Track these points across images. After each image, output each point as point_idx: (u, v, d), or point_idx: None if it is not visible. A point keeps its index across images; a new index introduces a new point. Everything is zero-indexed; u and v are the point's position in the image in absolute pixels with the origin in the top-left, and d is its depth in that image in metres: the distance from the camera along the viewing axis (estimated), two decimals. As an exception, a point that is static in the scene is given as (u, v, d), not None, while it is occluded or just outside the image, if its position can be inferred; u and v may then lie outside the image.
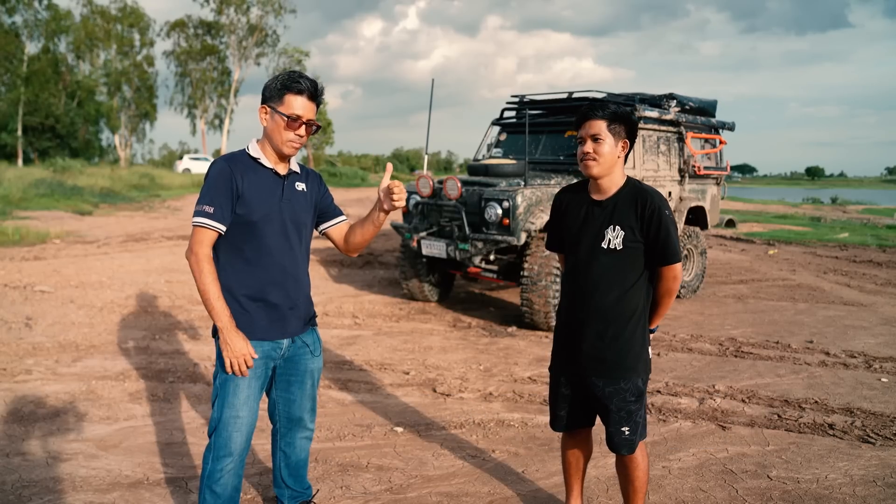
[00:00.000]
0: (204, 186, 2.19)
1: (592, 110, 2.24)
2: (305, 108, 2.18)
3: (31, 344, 4.98)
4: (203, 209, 2.16)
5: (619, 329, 2.25)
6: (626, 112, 2.25)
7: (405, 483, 2.98)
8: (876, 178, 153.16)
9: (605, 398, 2.28)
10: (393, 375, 4.49)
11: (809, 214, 21.23)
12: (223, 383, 2.22)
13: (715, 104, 7.90)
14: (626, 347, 2.26)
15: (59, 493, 2.81)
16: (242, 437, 2.24)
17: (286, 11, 43.07)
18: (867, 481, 3.00)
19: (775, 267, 9.31)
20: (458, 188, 5.75)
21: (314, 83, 2.20)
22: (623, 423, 2.29)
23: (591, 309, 2.27)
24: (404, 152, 78.37)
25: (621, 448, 2.33)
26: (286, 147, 2.20)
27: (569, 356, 2.36)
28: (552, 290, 5.48)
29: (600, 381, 2.28)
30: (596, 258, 2.25)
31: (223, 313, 2.14)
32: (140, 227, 13.16)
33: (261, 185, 2.20)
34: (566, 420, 2.44)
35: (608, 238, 2.23)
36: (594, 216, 2.27)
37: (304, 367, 2.41)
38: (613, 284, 2.24)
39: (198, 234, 2.18)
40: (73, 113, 37.26)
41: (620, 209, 2.23)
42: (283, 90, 2.16)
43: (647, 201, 2.20)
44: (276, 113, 2.17)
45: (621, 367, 2.26)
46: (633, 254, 2.23)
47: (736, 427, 3.63)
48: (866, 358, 4.92)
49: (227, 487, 2.25)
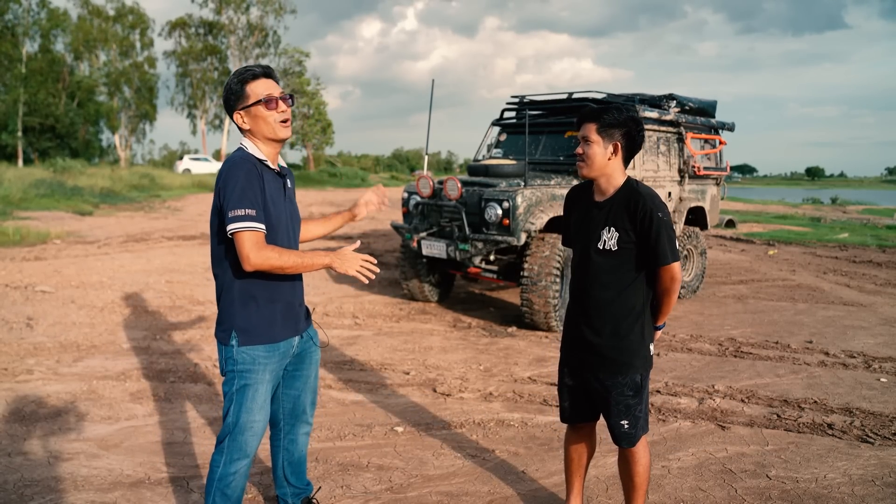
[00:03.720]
0: (236, 189, 2.05)
1: (586, 114, 2.31)
2: (271, 87, 2.16)
3: (33, 344, 4.99)
4: (246, 213, 2.03)
5: (616, 326, 2.31)
6: (622, 117, 2.27)
7: (405, 482, 2.99)
8: (876, 178, 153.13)
9: (604, 391, 2.35)
10: (393, 375, 4.50)
11: (809, 215, 21.22)
12: (242, 389, 2.18)
13: (715, 104, 7.91)
14: (624, 344, 2.31)
15: (61, 492, 2.82)
16: (257, 440, 2.24)
17: (286, 12, 43.13)
18: (866, 481, 3.01)
19: (775, 267, 9.31)
20: (458, 188, 5.76)
21: (263, 65, 2.20)
22: (622, 417, 2.34)
23: (590, 305, 2.35)
24: (404, 152, 78.34)
25: (621, 440, 2.39)
26: (281, 130, 2.17)
27: (572, 349, 2.44)
28: (552, 290, 5.49)
29: (599, 374, 2.34)
30: (593, 257, 2.32)
31: (318, 257, 2.13)
32: (140, 227, 13.16)
33: (272, 187, 2.20)
34: (569, 412, 2.51)
35: (604, 239, 2.29)
36: (593, 217, 2.34)
37: (310, 359, 2.45)
38: (610, 283, 2.30)
39: (248, 241, 2.03)
40: (72, 113, 37.23)
41: (616, 211, 2.28)
42: (241, 84, 2.14)
43: (639, 203, 2.23)
44: (251, 107, 2.13)
45: (618, 363, 2.32)
46: (628, 254, 2.27)
47: (735, 427, 3.64)
48: (865, 358, 4.93)
49: (237, 490, 2.25)
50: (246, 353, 2.18)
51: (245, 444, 2.21)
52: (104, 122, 41.82)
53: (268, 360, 2.21)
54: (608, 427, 2.41)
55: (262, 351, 2.19)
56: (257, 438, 2.24)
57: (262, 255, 2.04)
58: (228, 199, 2.05)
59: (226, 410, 2.22)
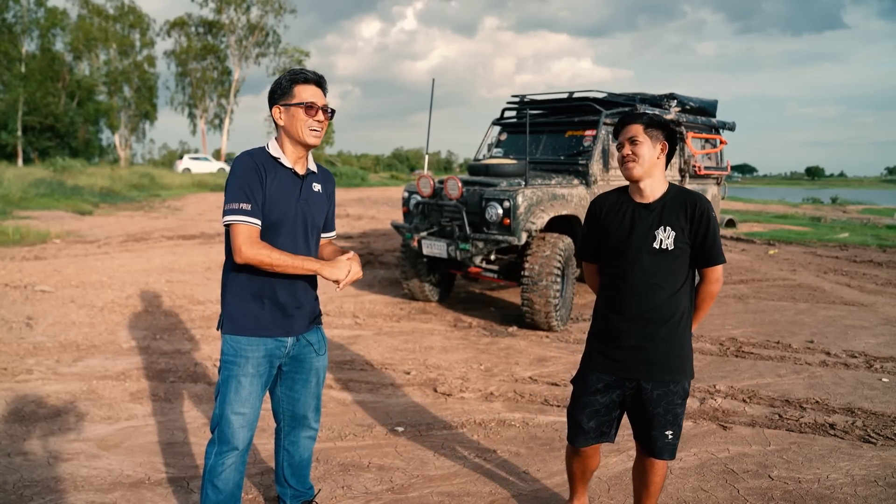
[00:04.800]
0: (232, 182, 2.13)
1: (630, 116, 2.29)
2: (317, 96, 2.21)
3: (32, 344, 4.98)
4: (239, 206, 2.10)
5: (668, 330, 2.24)
6: (663, 119, 2.30)
7: (406, 483, 2.98)
8: (876, 178, 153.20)
9: (652, 401, 2.25)
10: (394, 375, 4.49)
11: (809, 214, 21.22)
12: (226, 380, 2.23)
13: (715, 104, 7.90)
14: (676, 349, 2.26)
15: (61, 492, 2.81)
16: (245, 434, 2.25)
17: (286, 11, 43.14)
18: (868, 481, 3.00)
19: (776, 267, 9.31)
20: (458, 188, 5.75)
21: (318, 73, 2.24)
22: (668, 427, 2.27)
23: (642, 310, 2.25)
24: (404, 152, 78.27)
25: (664, 453, 2.29)
26: (310, 137, 2.20)
27: (614, 359, 2.31)
28: (553, 289, 5.48)
29: (648, 384, 2.25)
30: (647, 259, 2.24)
31: (307, 263, 2.14)
32: (140, 226, 13.15)
33: (281, 185, 2.20)
34: (593, 433, 2.37)
35: (660, 238, 2.23)
36: (642, 218, 2.26)
37: (310, 365, 2.42)
38: (664, 285, 2.24)
39: (241, 234, 2.09)
40: (72, 113, 37.21)
41: (669, 211, 2.24)
42: (291, 83, 2.19)
43: (696, 203, 2.23)
44: (292, 106, 2.18)
45: (671, 370, 2.25)
46: (681, 255, 2.24)
47: (737, 427, 3.63)
48: (867, 358, 4.92)
49: (228, 483, 2.26)
50: (230, 342, 2.24)
51: (232, 436, 2.22)
52: (104, 121, 41.81)
53: (251, 353, 2.22)
54: (647, 439, 2.31)
55: (246, 343, 2.22)
56: (245, 431, 2.24)
57: (254, 250, 2.09)
58: (226, 192, 2.15)
59: (215, 401, 2.29)
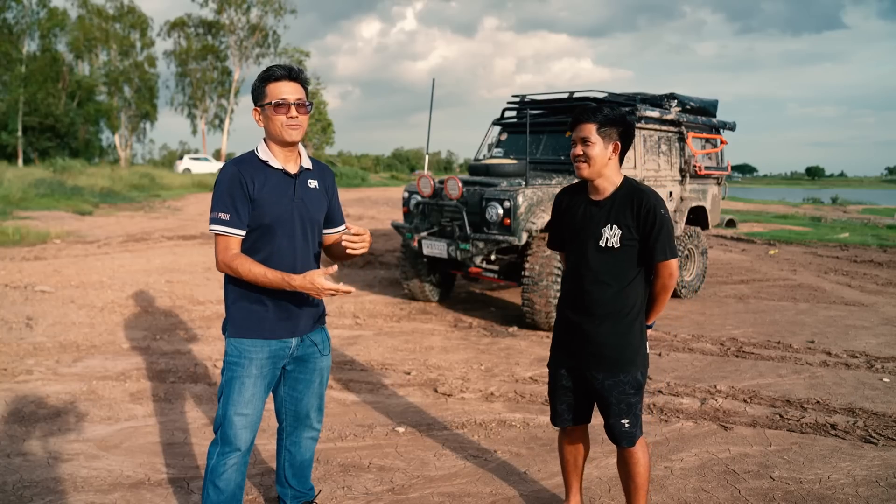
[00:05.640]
0: (216, 193, 2.17)
1: (583, 114, 2.31)
2: (289, 90, 2.18)
3: (32, 344, 4.97)
4: (218, 216, 2.15)
5: (617, 324, 2.32)
6: (618, 115, 2.30)
7: (407, 483, 2.98)
8: (876, 178, 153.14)
9: (604, 391, 2.35)
10: (394, 375, 4.48)
11: (810, 214, 21.21)
12: (229, 381, 2.23)
13: (716, 104, 7.89)
14: (625, 342, 2.33)
15: (61, 493, 2.81)
16: (247, 435, 2.25)
17: (286, 12, 43.14)
18: (870, 482, 3.00)
19: (776, 267, 9.30)
20: (458, 188, 5.74)
21: (289, 66, 2.22)
22: (623, 416, 2.35)
23: (590, 305, 2.34)
24: (404, 152, 78.26)
25: (622, 440, 2.39)
26: (286, 133, 2.18)
27: (569, 351, 2.43)
28: (553, 289, 5.48)
29: (600, 374, 2.34)
30: (594, 256, 2.32)
31: (279, 278, 2.13)
32: (140, 227, 13.15)
33: (272, 188, 2.20)
34: (567, 414, 2.50)
35: (605, 237, 2.30)
36: (592, 215, 2.34)
37: (314, 365, 2.41)
38: (611, 281, 2.31)
39: (220, 244, 2.17)
40: (72, 113, 37.21)
41: (617, 208, 2.30)
42: (262, 83, 2.19)
43: (642, 200, 2.27)
44: (266, 106, 2.18)
45: (620, 361, 2.33)
46: (629, 251, 2.30)
47: (738, 427, 3.62)
48: (868, 358, 4.92)
49: (230, 483, 2.26)
50: (234, 344, 2.24)
51: (234, 437, 2.22)
52: (104, 121, 41.81)
53: (255, 355, 2.22)
54: (607, 427, 2.41)
55: (250, 345, 2.22)
56: (247, 433, 2.24)
57: (225, 265, 2.15)
58: (211, 201, 2.20)
59: (218, 401, 2.29)
